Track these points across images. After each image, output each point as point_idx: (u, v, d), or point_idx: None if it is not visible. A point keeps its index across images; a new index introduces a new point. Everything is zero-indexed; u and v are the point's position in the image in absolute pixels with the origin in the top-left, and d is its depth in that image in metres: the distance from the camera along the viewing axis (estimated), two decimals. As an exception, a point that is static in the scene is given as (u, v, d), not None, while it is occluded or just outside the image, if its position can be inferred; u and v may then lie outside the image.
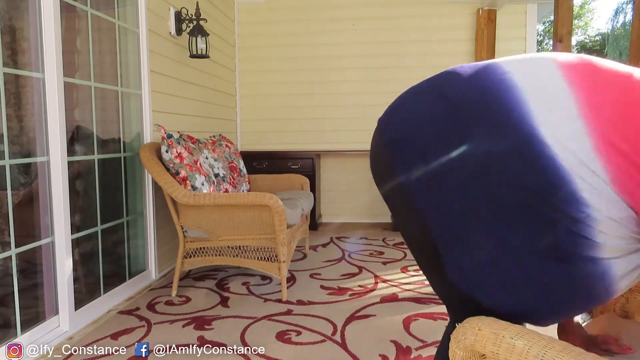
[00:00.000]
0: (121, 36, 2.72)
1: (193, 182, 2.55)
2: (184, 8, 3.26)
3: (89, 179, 2.47)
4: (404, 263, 3.28)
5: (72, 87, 2.34)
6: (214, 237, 2.65)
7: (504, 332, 0.73)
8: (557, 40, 2.89)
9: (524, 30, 4.64)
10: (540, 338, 0.70)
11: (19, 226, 1.98)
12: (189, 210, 2.56)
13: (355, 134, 4.77)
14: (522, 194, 0.77)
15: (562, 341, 0.69)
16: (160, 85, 3.03)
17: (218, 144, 3.22)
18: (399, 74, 4.67)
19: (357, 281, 2.89)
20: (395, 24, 4.67)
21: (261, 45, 4.81)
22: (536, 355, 0.68)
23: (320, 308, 2.43)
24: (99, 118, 2.52)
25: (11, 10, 2.12)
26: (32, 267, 2.17)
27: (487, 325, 0.76)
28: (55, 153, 2.11)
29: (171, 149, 2.56)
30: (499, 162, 0.78)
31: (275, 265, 2.60)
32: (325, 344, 2.01)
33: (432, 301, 2.51)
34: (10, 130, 2.04)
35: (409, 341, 2.02)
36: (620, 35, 18.28)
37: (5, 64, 1.96)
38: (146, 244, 2.91)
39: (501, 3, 4.32)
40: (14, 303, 1.93)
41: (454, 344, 0.79)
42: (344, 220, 4.90)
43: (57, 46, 2.08)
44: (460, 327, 0.80)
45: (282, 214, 2.50)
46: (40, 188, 2.13)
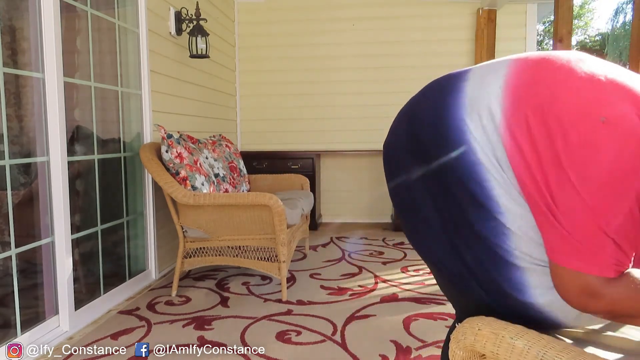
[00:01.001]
0: (121, 36, 2.72)
1: (193, 182, 2.55)
2: (184, 8, 3.26)
3: (89, 179, 2.47)
4: (404, 263, 3.28)
5: (72, 87, 2.34)
6: (214, 237, 2.65)
7: (504, 332, 0.73)
8: (557, 40, 2.90)
9: (524, 30, 4.63)
10: (540, 338, 0.70)
11: (19, 226, 1.98)
12: (189, 210, 2.56)
13: (356, 134, 4.77)
14: (458, 208, 0.86)
15: (561, 341, 0.70)
16: (160, 85, 3.03)
17: (218, 144, 3.22)
18: (399, 74, 4.67)
19: (357, 281, 2.89)
20: (395, 24, 4.67)
21: (261, 45, 4.81)
22: (536, 355, 0.68)
23: (320, 308, 2.44)
24: (99, 118, 2.52)
25: (11, 10, 2.12)
26: (32, 267, 2.17)
27: (487, 325, 0.76)
28: (55, 153, 2.11)
29: (171, 149, 2.56)
30: (443, 179, 0.88)
31: (275, 265, 2.60)
32: (325, 344, 2.01)
33: (432, 301, 2.51)
34: (10, 130, 2.04)
35: (409, 341, 2.02)
36: (620, 35, 18.28)
37: (5, 64, 1.96)
38: (146, 244, 2.91)
39: (501, 3, 4.32)
40: (14, 303, 1.93)
41: (454, 344, 0.79)
42: (344, 220, 4.90)
43: (57, 46, 2.08)
44: (460, 327, 0.80)
45: (282, 214, 2.50)
46: (40, 188, 2.13)
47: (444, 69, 4.67)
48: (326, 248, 3.76)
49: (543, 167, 0.74)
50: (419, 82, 4.57)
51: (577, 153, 0.72)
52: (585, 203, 0.71)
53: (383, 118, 4.73)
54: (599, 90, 0.76)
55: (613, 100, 0.74)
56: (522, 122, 0.77)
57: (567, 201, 0.72)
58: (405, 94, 5.16)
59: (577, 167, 0.71)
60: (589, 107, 0.73)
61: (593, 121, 0.72)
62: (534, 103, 0.77)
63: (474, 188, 0.81)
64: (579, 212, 0.72)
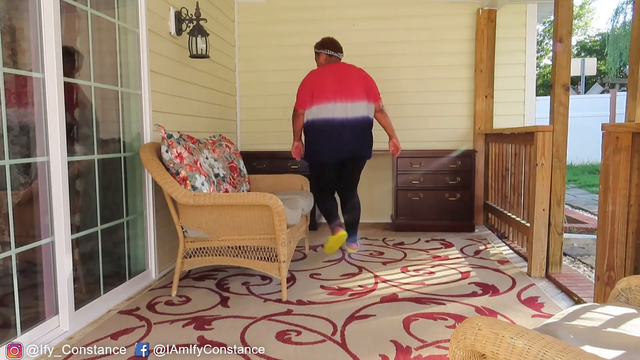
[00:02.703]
0: (121, 36, 2.72)
1: (193, 182, 2.55)
2: (184, 8, 3.26)
3: (89, 178, 2.47)
4: (404, 263, 3.28)
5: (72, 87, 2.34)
6: (214, 237, 2.65)
7: (504, 332, 0.73)
8: (557, 40, 2.89)
9: (524, 30, 4.63)
10: (540, 338, 0.70)
11: (19, 226, 1.98)
12: (189, 210, 2.56)
13: (355, 134, 4.77)
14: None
15: (562, 341, 0.70)
16: (160, 85, 3.03)
17: (218, 144, 3.22)
18: (399, 74, 4.67)
19: (357, 281, 2.89)
20: (395, 24, 4.67)
21: (261, 45, 4.81)
22: (536, 355, 0.68)
23: (320, 308, 2.44)
24: (98, 118, 2.52)
25: (11, 10, 2.12)
26: (32, 267, 2.17)
27: (487, 326, 0.76)
28: (55, 153, 2.11)
29: (171, 149, 2.56)
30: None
31: (275, 265, 2.60)
32: (325, 344, 2.01)
33: (432, 301, 2.51)
34: (11, 130, 2.04)
35: (408, 341, 2.02)
36: (620, 35, 18.28)
37: (5, 64, 1.96)
38: (146, 244, 2.91)
39: (501, 3, 4.32)
40: (14, 303, 1.93)
41: (454, 344, 0.79)
42: (344, 220, 4.89)
43: (57, 46, 2.08)
44: (460, 327, 0.80)
45: (282, 214, 2.50)
46: (40, 188, 2.13)
47: (444, 69, 4.71)
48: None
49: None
50: (419, 82, 4.63)
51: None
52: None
53: (383, 118, 4.73)
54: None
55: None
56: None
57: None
58: (405, 94, 5.22)
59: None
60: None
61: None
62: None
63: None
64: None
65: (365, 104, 3.28)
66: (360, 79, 3.31)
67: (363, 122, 3.27)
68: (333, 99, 3.20)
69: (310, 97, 3.24)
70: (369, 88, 3.32)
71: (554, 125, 2.88)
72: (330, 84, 3.23)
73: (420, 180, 4.30)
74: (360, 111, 3.25)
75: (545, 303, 2.48)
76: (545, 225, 2.95)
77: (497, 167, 4.18)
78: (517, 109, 4.70)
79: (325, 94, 3.21)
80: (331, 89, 3.22)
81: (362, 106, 3.26)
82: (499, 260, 3.34)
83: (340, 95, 3.21)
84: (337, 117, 3.21)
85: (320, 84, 3.24)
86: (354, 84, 3.26)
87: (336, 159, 3.32)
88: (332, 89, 3.22)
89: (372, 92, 3.33)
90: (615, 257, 2.05)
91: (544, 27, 19.70)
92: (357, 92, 3.25)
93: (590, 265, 4.08)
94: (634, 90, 1.98)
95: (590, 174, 10.56)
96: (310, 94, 3.24)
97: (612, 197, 2.04)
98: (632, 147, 1.98)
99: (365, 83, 3.31)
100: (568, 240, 4.61)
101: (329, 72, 3.29)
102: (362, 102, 3.26)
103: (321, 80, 3.26)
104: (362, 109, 3.26)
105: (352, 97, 3.23)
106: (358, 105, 3.24)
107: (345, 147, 3.26)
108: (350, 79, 3.27)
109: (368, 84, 3.32)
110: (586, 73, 15.39)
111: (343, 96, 3.21)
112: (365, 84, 3.31)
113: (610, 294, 1.25)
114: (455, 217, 4.31)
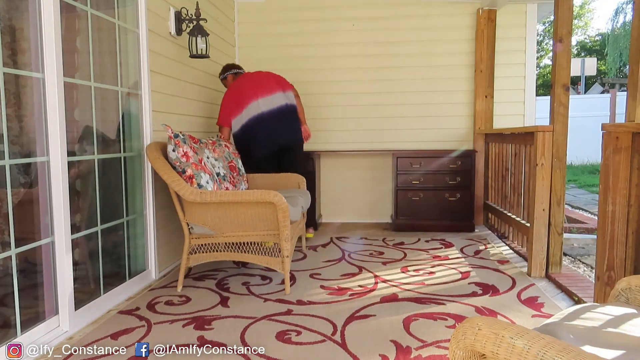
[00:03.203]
0: (121, 36, 2.72)
1: (199, 180, 2.61)
2: (184, 8, 3.26)
3: (89, 178, 2.47)
4: (404, 263, 3.29)
5: (72, 87, 2.34)
6: (219, 234, 2.71)
7: (504, 332, 0.73)
8: (557, 40, 2.89)
9: (524, 30, 4.63)
10: (540, 338, 0.70)
11: (19, 226, 1.98)
12: (195, 207, 2.62)
13: (355, 134, 4.77)
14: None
15: (562, 341, 0.70)
16: (160, 85, 3.03)
17: (217, 144, 3.23)
18: (399, 74, 4.67)
19: (357, 281, 2.89)
20: (395, 24, 4.67)
21: (261, 45, 4.81)
22: (536, 355, 0.68)
23: (320, 308, 2.44)
24: (98, 118, 2.52)
25: (11, 10, 2.12)
26: (32, 267, 2.17)
27: (487, 326, 0.76)
28: (55, 153, 2.11)
29: (178, 148, 2.60)
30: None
31: (278, 260, 2.65)
32: (325, 344, 2.01)
33: (432, 301, 2.51)
34: (10, 130, 2.04)
35: (408, 341, 2.02)
36: (620, 35, 18.27)
37: (5, 64, 1.96)
38: (146, 244, 2.91)
39: (501, 3, 4.32)
40: (14, 303, 1.93)
41: (454, 344, 0.79)
42: (344, 220, 4.90)
43: (57, 46, 2.08)
44: (460, 327, 0.80)
45: (286, 211, 2.58)
46: (40, 188, 2.13)
47: (444, 69, 4.71)
48: (326, 248, 3.76)
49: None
50: (419, 82, 4.63)
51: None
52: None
53: (383, 118, 4.73)
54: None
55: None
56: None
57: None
58: (405, 94, 5.22)
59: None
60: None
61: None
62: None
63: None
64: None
65: (282, 93, 3.76)
66: (269, 76, 3.82)
67: (287, 109, 3.76)
68: (255, 98, 3.68)
69: (236, 105, 3.67)
70: (278, 80, 3.81)
71: (554, 125, 2.88)
72: (248, 88, 3.71)
73: (420, 180, 4.30)
74: (281, 100, 3.74)
75: (545, 303, 2.48)
76: (545, 225, 2.95)
77: (497, 167, 4.18)
78: (517, 109, 4.70)
79: (249, 96, 3.69)
80: (252, 92, 3.70)
81: (280, 96, 3.75)
82: (499, 260, 3.34)
83: (261, 92, 3.70)
84: (265, 110, 3.67)
85: (241, 92, 3.71)
86: (266, 81, 3.76)
87: (273, 146, 3.72)
88: (251, 92, 3.70)
89: (282, 81, 3.82)
90: (615, 257, 2.05)
91: (544, 27, 19.70)
92: (272, 85, 3.75)
93: (590, 265, 4.09)
94: (634, 90, 1.98)
95: (590, 174, 10.56)
96: (235, 104, 3.68)
97: (612, 197, 2.04)
98: (632, 147, 1.98)
99: (274, 77, 3.82)
100: (568, 240, 4.61)
101: (244, 81, 3.76)
102: (279, 93, 3.76)
103: (240, 89, 3.72)
104: (281, 98, 3.75)
105: (269, 91, 3.72)
106: (277, 96, 3.74)
107: (278, 135, 3.72)
108: (261, 79, 3.78)
109: (276, 78, 3.82)
110: (586, 73, 15.40)
111: (263, 92, 3.70)
112: (274, 78, 3.81)
113: (610, 294, 1.25)
114: (455, 217, 4.31)
